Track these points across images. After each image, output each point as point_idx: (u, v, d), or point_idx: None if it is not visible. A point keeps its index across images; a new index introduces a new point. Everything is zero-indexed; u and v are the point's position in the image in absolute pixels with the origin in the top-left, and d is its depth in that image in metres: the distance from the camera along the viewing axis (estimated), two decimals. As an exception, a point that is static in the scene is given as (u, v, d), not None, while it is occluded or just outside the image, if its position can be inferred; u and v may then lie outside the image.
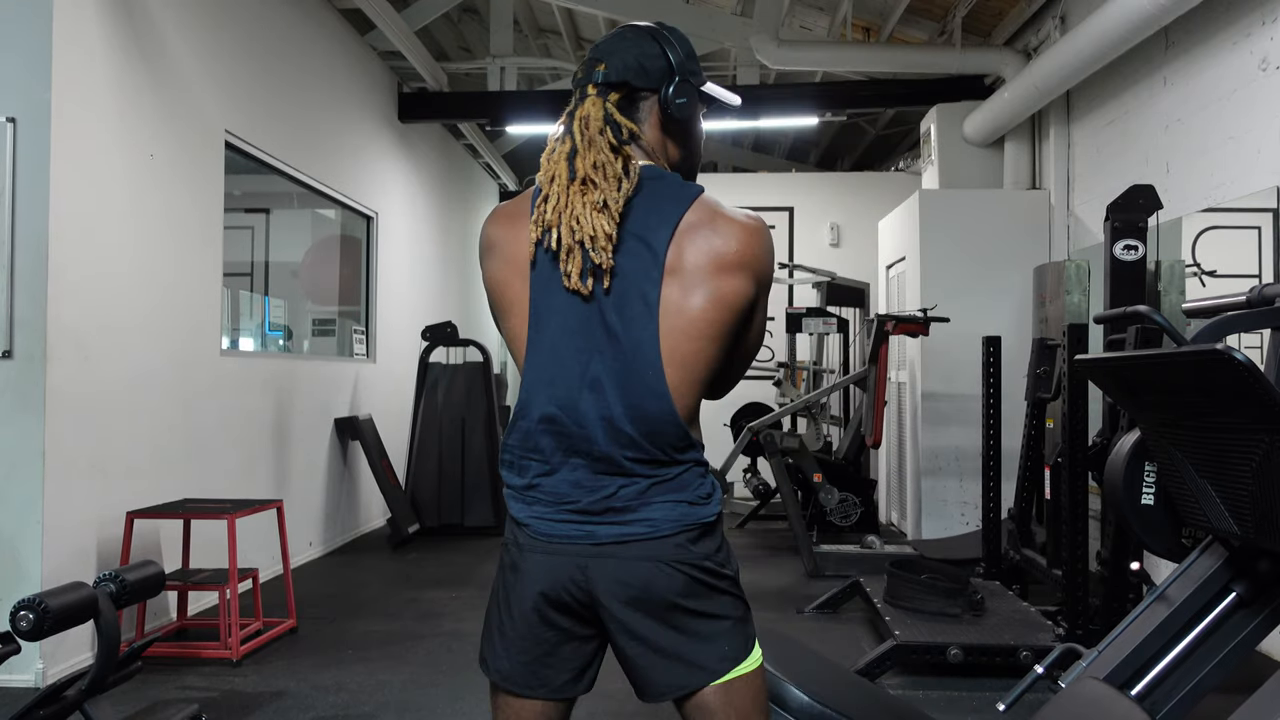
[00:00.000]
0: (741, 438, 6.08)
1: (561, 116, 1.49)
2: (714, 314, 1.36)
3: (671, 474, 1.37)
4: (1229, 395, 1.91)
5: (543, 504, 1.39)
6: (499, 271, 1.46)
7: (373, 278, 7.00)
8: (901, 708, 2.62)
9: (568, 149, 1.43)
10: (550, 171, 1.43)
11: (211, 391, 4.62)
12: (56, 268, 3.48)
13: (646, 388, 1.34)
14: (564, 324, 1.38)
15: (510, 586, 1.40)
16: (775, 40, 6.12)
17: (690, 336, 1.36)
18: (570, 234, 1.37)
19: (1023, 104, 5.84)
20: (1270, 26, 3.91)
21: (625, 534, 1.35)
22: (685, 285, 1.36)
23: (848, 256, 8.74)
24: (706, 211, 1.39)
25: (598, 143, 1.41)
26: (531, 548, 1.39)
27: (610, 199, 1.38)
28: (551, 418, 1.37)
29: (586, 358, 1.36)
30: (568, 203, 1.39)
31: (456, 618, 4.45)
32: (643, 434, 1.35)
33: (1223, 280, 4.14)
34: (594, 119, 1.43)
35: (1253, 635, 2.27)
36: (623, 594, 1.34)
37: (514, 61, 7.46)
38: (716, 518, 1.40)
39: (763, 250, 1.41)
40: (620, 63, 1.45)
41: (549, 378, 1.38)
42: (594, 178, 1.39)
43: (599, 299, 1.37)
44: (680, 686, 1.36)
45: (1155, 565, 4.08)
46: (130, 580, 2.46)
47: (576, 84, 1.49)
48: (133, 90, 3.99)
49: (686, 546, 1.36)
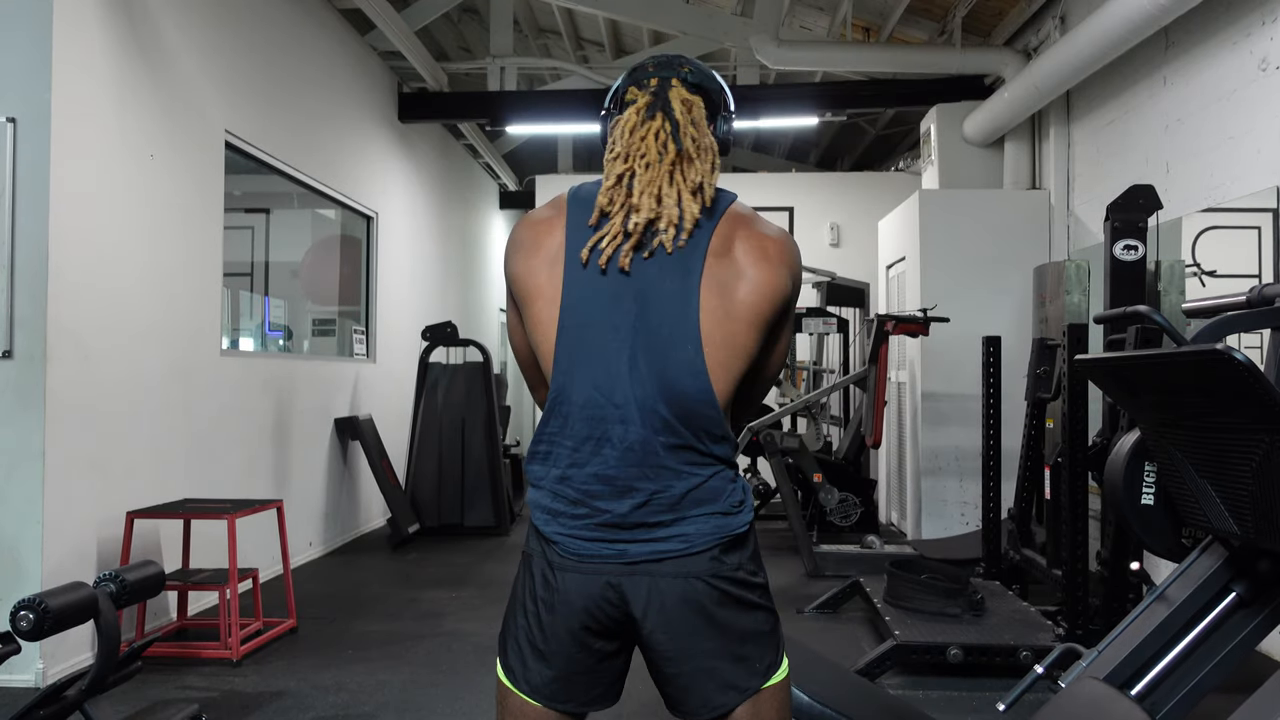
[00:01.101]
0: (741, 438, 6.08)
1: (638, 99, 1.43)
2: (754, 299, 1.35)
3: (704, 476, 1.33)
4: (1229, 395, 1.91)
5: (569, 517, 1.34)
6: (523, 263, 1.41)
7: (373, 278, 7.00)
8: (901, 708, 2.62)
9: (666, 126, 1.39)
10: (635, 149, 1.39)
11: (211, 392, 4.62)
12: (56, 268, 3.48)
13: (684, 364, 1.31)
14: (601, 306, 1.34)
15: (544, 603, 1.35)
16: (775, 40, 6.11)
17: (732, 317, 1.33)
18: (651, 212, 1.34)
19: (1023, 104, 5.84)
20: (1270, 26, 3.90)
21: (659, 551, 1.32)
22: (728, 269, 1.35)
23: (848, 256, 8.74)
24: (747, 212, 1.42)
25: (702, 125, 1.41)
26: (563, 566, 1.34)
27: (707, 182, 1.37)
28: (589, 400, 1.33)
29: (625, 337, 1.33)
30: (655, 179, 1.36)
31: (456, 618, 4.45)
32: (678, 415, 1.31)
33: (1223, 280, 4.14)
34: (697, 105, 1.43)
35: (1253, 635, 2.27)
36: (658, 612, 1.31)
37: (514, 61, 7.46)
38: (748, 527, 1.38)
39: (798, 256, 1.43)
40: (701, 72, 1.47)
41: (585, 359, 1.33)
42: (694, 154, 1.38)
43: (639, 278, 1.34)
44: (716, 706, 1.34)
45: (1155, 565, 4.07)
46: (130, 580, 2.46)
47: (648, 75, 1.46)
48: (133, 90, 3.99)
49: (720, 559, 1.33)
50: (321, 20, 6.06)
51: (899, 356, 6.82)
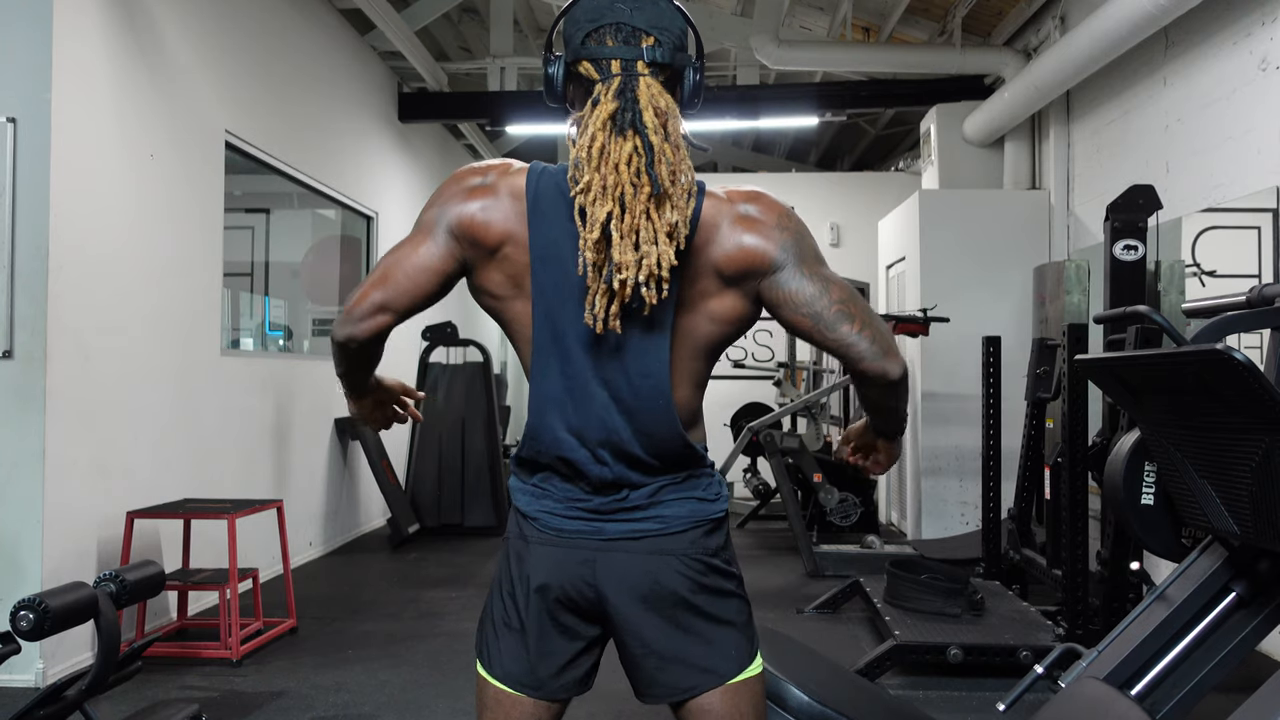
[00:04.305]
0: (741, 438, 6.08)
1: (600, 95, 1.25)
2: (719, 330, 1.35)
3: (680, 476, 1.38)
4: (1229, 395, 1.91)
5: (552, 499, 1.37)
6: (516, 257, 1.32)
7: (373, 278, 6.99)
8: (901, 708, 2.62)
9: (639, 150, 1.23)
10: (611, 182, 1.22)
11: (211, 392, 4.62)
12: (56, 268, 3.48)
13: (657, 415, 1.33)
14: (577, 344, 1.31)
15: (515, 578, 1.37)
16: (775, 40, 6.11)
17: (696, 355, 1.36)
18: (634, 268, 1.22)
19: (1023, 104, 5.84)
20: (1270, 26, 3.90)
21: (636, 530, 1.34)
22: (695, 304, 1.32)
23: (848, 256, 8.74)
24: (711, 211, 1.32)
25: (676, 136, 1.25)
26: (539, 540, 1.36)
27: (682, 220, 1.24)
28: (562, 440, 1.34)
29: (598, 383, 1.32)
30: (633, 224, 1.22)
31: (456, 618, 4.45)
32: (652, 454, 1.34)
33: (1223, 280, 4.14)
34: (671, 111, 1.26)
35: (1253, 635, 2.27)
36: (631, 590, 1.33)
37: (514, 61, 7.46)
38: (724, 515, 1.41)
39: (771, 223, 1.32)
40: (669, 40, 1.30)
41: (559, 399, 1.34)
42: (669, 189, 1.23)
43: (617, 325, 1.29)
44: (687, 689, 1.34)
45: (1155, 565, 4.07)
46: (130, 580, 2.46)
47: (607, 53, 1.27)
48: (133, 90, 3.99)
49: (697, 541, 1.35)
50: (321, 20, 6.06)
51: (899, 356, 6.81)
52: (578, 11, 1.31)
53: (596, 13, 1.29)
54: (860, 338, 1.31)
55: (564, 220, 1.30)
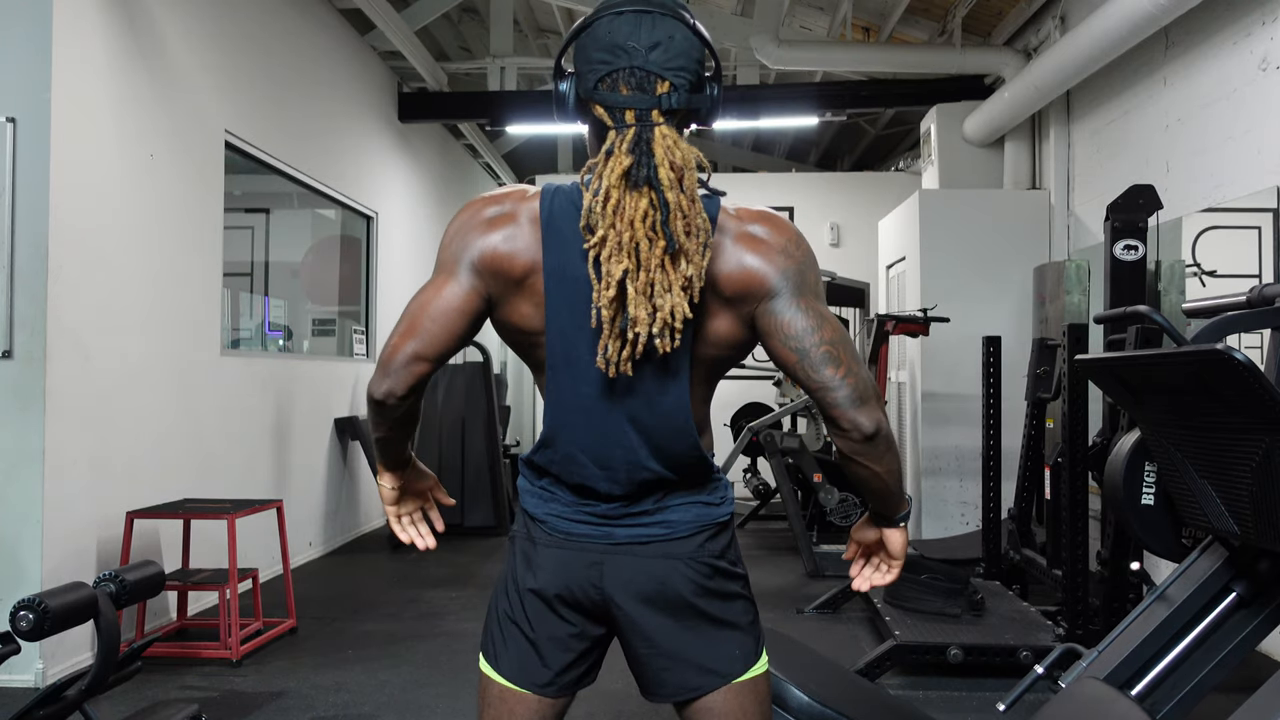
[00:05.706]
0: (741, 438, 6.08)
1: (614, 145, 1.22)
2: (715, 353, 1.35)
3: (686, 480, 1.39)
4: (1229, 395, 1.91)
5: (560, 503, 1.38)
6: (507, 243, 1.30)
7: (373, 278, 7.00)
8: (901, 708, 2.62)
9: (654, 205, 1.21)
10: (626, 238, 1.21)
11: (211, 391, 4.62)
12: (56, 267, 3.48)
13: (674, 434, 1.34)
14: (593, 364, 1.29)
15: (521, 578, 1.38)
16: (775, 40, 6.11)
17: (710, 378, 1.38)
18: (649, 321, 1.22)
19: (1023, 104, 5.84)
20: (1270, 26, 3.90)
21: (643, 535, 1.36)
22: (708, 331, 1.32)
23: (848, 256, 8.74)
24: (719, 224, 1.30)
25: (692, 191, 1.23)
26: (547, 542, 1.38)
27: (697, 275, 1.23)
28: (575, 459, 1.35)
29: (617, 412, 1.32)
30: (648, 279, 1.22)
31: (456, 618, 4.45)
32: (668, 468, 1.36)
33: (1223, 280, 4.14)
34: (687, 165, 1.23)
35: (1253, 635, 2.27)
36: (637, 591, 1.34)
37: (514, 61, 7.46)
38: (730, 518, 1.41)
39: (778, 247, 1.30)
40: (685, 81, 1.25)
41: (573, 420, 1.34)
42: (684, 243, 1.22)
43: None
44: (692, 688, 1.35)
45: (1155, 565, 4.07)
46: (130, 580, 2.46)
47: (622, 103, 1.24)
48: (133, 90, 3.99)
49: (702, 544, 1.36)
50: (321, 20, 6.06)
51: (899, 356, 6.82)
52: (588, 41, 1.26)
53: (610, 53, 1.24)
54: (842, 384, 1.27)
55: (579, 240, 1.27)
